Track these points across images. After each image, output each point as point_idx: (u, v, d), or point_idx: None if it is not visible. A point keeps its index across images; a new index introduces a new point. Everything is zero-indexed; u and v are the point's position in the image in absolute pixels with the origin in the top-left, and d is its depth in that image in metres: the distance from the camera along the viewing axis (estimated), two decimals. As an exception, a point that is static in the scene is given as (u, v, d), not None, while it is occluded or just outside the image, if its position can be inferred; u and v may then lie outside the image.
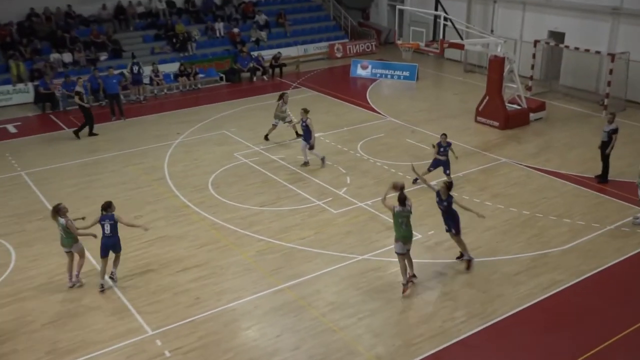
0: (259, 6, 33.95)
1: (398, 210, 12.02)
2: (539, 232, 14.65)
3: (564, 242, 14.19)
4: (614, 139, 16.83)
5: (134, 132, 22.00)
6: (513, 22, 28.39)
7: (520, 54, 27.57)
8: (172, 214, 15.72)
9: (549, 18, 26.74)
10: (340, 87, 27.58)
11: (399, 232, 12.11)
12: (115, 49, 28.26)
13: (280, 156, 19.37)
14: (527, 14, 27.79)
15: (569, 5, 25.75)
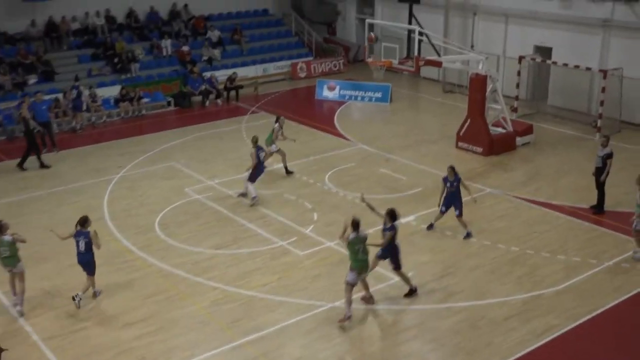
0: (212, 21, 34.20)
1: (352, 238, 12.57)
2: (530, 270, 14.83)
3: (558, 281, 14.37)
4: (608, 165, 17.24)
5: (68, 166, 21.75)
6: (495, 37, 29.08)
7: (504, 71, 28.17)
8: (113, 261, 15.49)
9: (535, 32, 27.47)
10: (304, 111, 27.77)
11: (356, 261, 12.70)
12: (47, 71, 28.07)
13: (237, 191, 19.32)
14: (510, 28, 28.51)
15: (555, 18, 26.51)
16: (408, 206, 18.11)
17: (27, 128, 21.57)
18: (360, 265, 12.80)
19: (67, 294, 13.96)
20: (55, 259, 15.58)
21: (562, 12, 26.27)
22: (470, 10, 29.91)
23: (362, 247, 12.70)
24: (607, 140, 17.38)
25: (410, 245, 15.99)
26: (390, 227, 13.33)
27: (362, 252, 12.74)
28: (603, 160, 17.29)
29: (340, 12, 37.32)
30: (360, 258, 12.75)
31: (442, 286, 14.21)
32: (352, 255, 12.75)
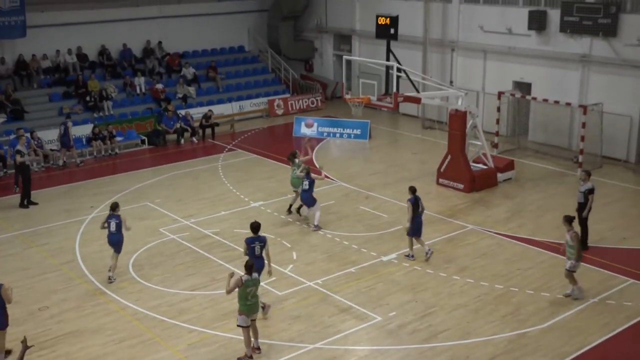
0: (186, 58, 34.43)
1: (247, 279, 12.82)
2: (514, 309, 14.90)
3: (543, 319, 14.45)
4: (590, 200, 17.47)
5: (38, 207, 21.57)
6: (474, 73, 29.59)
7: (483, 107, 28.57)
8: (85, 304, 15.34)
9: (513, 67, 28.00)
10: (282, 149, 27.81)
11: (245, 305, 12.90)
12: (16, 110, 27.99)
13: (214, 230, 19.29)
14: (489, 64, 29.03)
15: (534, 54, 27.07)
16: (389, 244, 18.21)
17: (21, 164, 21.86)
18: (251, 308, 12.98)
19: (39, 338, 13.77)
20: (25, 302, 15.37)
21: (541, 48, 26.84)
22: (448, 46, 30.46)
23: (253, 291, 12.95)
24: (588, 176, 17.64)
25: (392, 284, 16.04)
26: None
27: (251, 296, 12.93)
28: (585, 195, 17.53)
29: (317, 49, 37.78)
30: (251, 300, 12.93)
31: (425, 326, 14.22)
32: (242, 298, 12.88)
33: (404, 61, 27.51)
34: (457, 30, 30.06)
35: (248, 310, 12.94)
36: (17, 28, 28.70)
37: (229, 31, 36.36)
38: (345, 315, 14.66)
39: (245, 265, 13.03)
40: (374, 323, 14.29)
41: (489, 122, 27.16)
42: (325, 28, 36.81)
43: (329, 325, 14.28)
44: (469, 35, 29.60)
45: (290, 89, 35.78)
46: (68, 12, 31.23)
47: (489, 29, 28.62)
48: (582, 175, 17.72)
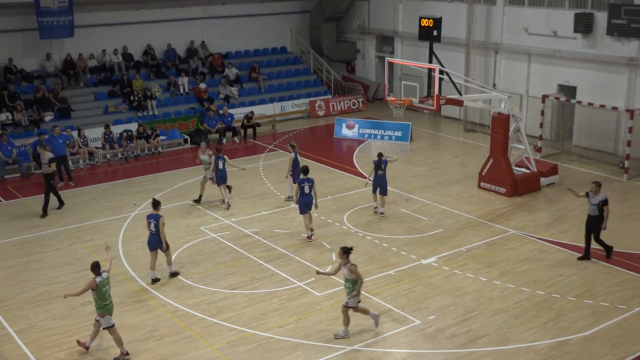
0: (229, 58, 34.69)
1: (100, 280, 12.95)
2: (556, 315, 14.68)
3: (586, 327, 14.21)
4: (606, 211, 16.84)
5: (83, 204, 21.95)
6: (518, 75, 29.24)
7: (527, 110, 28.27)
8: (127, 300, 15.56)
9: (558, 70, 27.59)
10: (323, 150, 27.93)
11: (106, 306, 13.05)
12: (63, 108, 28.52)
13: (254, 229, 19.39)
14: (533, 66, 28.67)
15: (579, 57, 26.64)
16: (429, 247, 18.10)
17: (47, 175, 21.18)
18: (110, 308, 13.13)
19: (78, 334, 14.03)
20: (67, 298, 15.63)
21: (586, 51, 26.40)
22: (491, 48, 30.17)
23: (109, 289, 13.10)
24: (599, 187, 16.95)
25: (431, 287, 15.94)
26: None
27: (109, 295, 13.15)
28: (599, 207, 16.86)
29: (359, 50, 37.74)
30: (109, 300, 13.13)
31: (465, 330, 14.10)
32: (100, 300, 12.95)
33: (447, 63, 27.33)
34: (501, 33, 29.74)
35: (110, 310, 13.10)
36: (66, 28, 29.26)
37: (271, 32, 36.54)
38: (384, 317, 14.60)
39: (92, 267, 13.07)
40: (412, 326, 14.22)
41: (533, 125, 26.83)
42: (368, 29, 36.75)
43: (367, 327, 14.24)
44: (513, 38, 29.25)
45: (331, 90, 35.81)
46: (114, 12, 31.71)
47: (534, 31, 28.26)
48: (593, 187, 16.97)
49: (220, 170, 21.09)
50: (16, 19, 29.29)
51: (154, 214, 16.19)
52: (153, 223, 16.04)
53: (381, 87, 35.10)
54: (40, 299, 15.63)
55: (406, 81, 23.05)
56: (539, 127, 26.08)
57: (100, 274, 13.03)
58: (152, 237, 16.14)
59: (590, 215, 17.06)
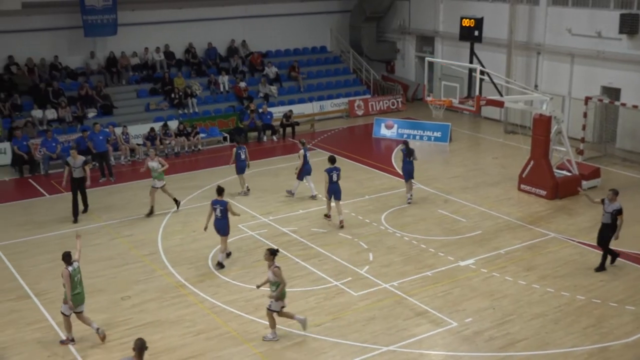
0: (269, 57, 34.83)
1: (72, 270, 13.21)
2: (596, 321, 14.44)
3: (627, 333, 13.95)
4: (620, 221, 16.41)
5: (123, 199, 22.24)
6: (560, 77, 28.82)
7: (569, 112, 27.85)
8: (165, 295, 15.72)
9: (602, 72, 27.12)
10: (361, 150, 27.88)
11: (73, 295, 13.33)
12: (105, 105, 28.94)
13: (292, 228, 19.44)
14: (576, 68, 28.23)
15: (624, 58, 26.15)
16: (467, 249, 17.94)
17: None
18: (78, 297, 13.44)
19: (117, 327, 14.22)
20: (108, 291, 15.88)
21: (632, 52, 25.89)
22: (534, 49, 29.79)
23: (79, 278, 13.43)
24: (616, 195, 16.52)
25: (469, 289, 15.79)
26: None
27: (79, 284, 13.44)
28: (613, 216, 16.45)
29: (399, 50, 37.60)
30: (79, 290, 13.46)
31: (503, 334, 13.94)
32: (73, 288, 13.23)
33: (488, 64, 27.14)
34: (544, 33, 29.34)
35: (79, 300, 13.45)
36: (109, 26, 29.71)
37: (311, 31, 36.62)
38: (421, 319, 14.52)
39: (63, 257, 13.33)
40: (449, 328, 14.11)
41: (575, 127, 26.45)
42: (408, 29, 36.58)
43: (404, 328, 14.18)
44: (556, 38, 28.84)
45: (371, 89, 35.73)
46: (157, 11, 32.09)
47: (578, 32, 27.81)
48: (610, 194, 16.52)
49: (242, 160, 22.02)
50: (61, 17, 29.83)
51: (219, 199, 16.97)
52: (219, 209, 16.84)
53: (421, 88, 34.90)
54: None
55: (446, 81, 22.87)
56: (581, 130, 25.70)
57: (71, 263, 13.32)
58: (218, 222, 16.93)
59: (603, 223, 16.71)
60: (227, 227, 17.09)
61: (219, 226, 17.00)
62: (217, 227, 17.01)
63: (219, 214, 16.89)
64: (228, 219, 17.04)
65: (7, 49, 28.94)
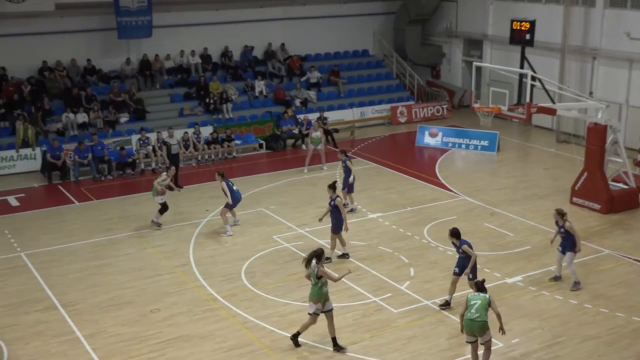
0: (308, 61, 34.96)
1: None
2: (654, 344, 14.17)
3: (687, 358, 13.65)
4: None
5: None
6: (618, 83, 28.42)
7: (626, 121, 27.44)
8: (196, 309, 15.83)
9: (663, 79, 26.71)
10: (403, 158, 27.80)
11: None
12: (138, 109, 29.33)
13: (329, 241, 19.41)
14: (634, 74, 27.81)
15: (687, 63, 25.71)
16: (515, 265, 17.74)
17: None
18: None
19: (146, 341, 14.34)
20: (138, 302, 16.05)
21: (695, 58, 25.47)
22: (589, 54, 29.42)
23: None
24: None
25: (517, 308, 15.60)
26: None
27: None
28: None
29: (445, 54, 37.44)
30: None
31: (552, 356, 13.75)
32: None
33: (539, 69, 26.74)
34: (600, 37, 28.96)
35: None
36: (144, 28, 30.15)
37: (353, 34, 36.66)
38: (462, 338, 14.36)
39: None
40: (495, 349, 13.91)
41: (632, 137, 26.05)
42: (455, 32, 36.43)
43: (446, 348, 14.07)
44: (613, 43, 28.44)
45: (414, 95, 35.62)
46: (193, 12, 32.49)
47: (637, 35, 27.38)
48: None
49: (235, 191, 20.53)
50: (94, 19, 30.41)
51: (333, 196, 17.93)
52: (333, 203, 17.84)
53: (467, 94, 34.61)
54: (109, 304, 16.07)
55: (495, 87, 22.68)
56: (638, 140, 25.26)
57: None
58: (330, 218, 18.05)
59: None
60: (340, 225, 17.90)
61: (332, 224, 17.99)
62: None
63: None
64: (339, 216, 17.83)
65: (40, 51, 29.51)
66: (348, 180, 21.32)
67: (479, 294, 12.82)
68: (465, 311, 12.66)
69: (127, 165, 26.01)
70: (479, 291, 12.88)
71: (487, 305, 12.59)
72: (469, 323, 12.64)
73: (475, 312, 12.54)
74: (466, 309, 12.65)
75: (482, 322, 12.57)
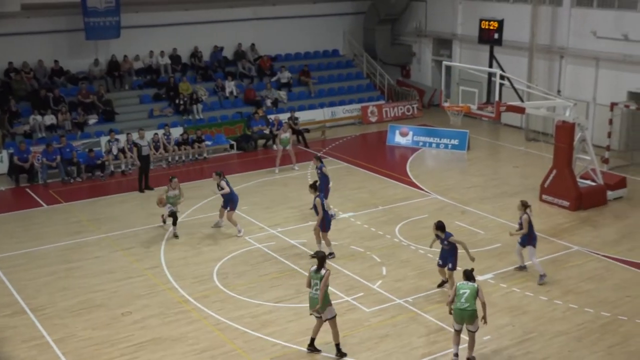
0: (278, 61, 34.93)
1: None
2: (622, 339, 14.34)
3: (655, 352, 13.87)
4: None
5: (126, 211, 22.32)
6: (585, 82, 28.77)
7: (594, 119, 27.78)
8: (168, 311, 15.73)
9: (629, 76, 27.05)
10: (374, 158, 27.88)
11: None
12: (107, 111, 29.09)
13: (301, 240, 19.44)
14: (601, 72, 28.17)
15: (652, 62, 26.10)
16: (486, 263, 17.87)
17: None
18: None
19: (117, 345, 14.24)
20: (109, 306, 15.92)
21: (660, 56, 25.86)
22: (556, 53, 29.75)
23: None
24: None
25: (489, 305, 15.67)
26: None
27: None
28: None
29: (415, 54, 37.62)
30: None
31: (523, 352, 13.87)
32: None
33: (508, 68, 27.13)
34: (567, 36, 29.31)
35: None
36: (112, 28, 29.86)
37: (323, 34, 36.68)
38: (436, 336, 14.47)
39: None
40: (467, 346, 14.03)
41: (600, 135, 26.36)
42: (425, 32, 36.61)
43: (418, 346, 14.13)
44: (580, 41, 28.80)
45: (385, 95, 35.74)
46: (162, 13, 32.26)
47: (603, 34, 27.76)
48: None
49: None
50: (61, 20, 30.07)
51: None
52: None
53: (437, 93, 34.88)
54: (80, 308, 15.91)
55: (464, 87, 22.81)
56: (606, 137, 25.62)
57: None
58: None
59: None
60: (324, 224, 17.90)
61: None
62: None
63: None
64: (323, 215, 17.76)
65: (6, 52, 29.11)
66: (328, 187, 21.04)
67: (467, 282, 13.10)
68: (454, 298, 13.02)
69: (96, 167, 25.78)
70: (467, 280, 13.15)
71: (475, 294, 12.96)
72: (459, 312, 12.99)
73: (465, 301, 12.91)
74: (455, 296, 13.00)
75: (472, 311, 12.95)
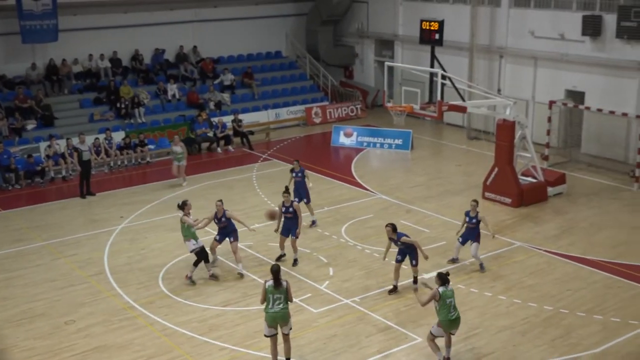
0: (221, 63, 34.74)
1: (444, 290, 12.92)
2: (565, 332, 14.65)
3: (596, 343, 14.17)
4: None
5: (67, 217, 21.91)
6: (524, 81, 29.31)
7: (533, 117, 28.30)
8: (112, 318, 15.50)
9: (566, 75, 27.66)
10: (319, 159, 27.93)
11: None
12: (46, 116, 28.51)
13: (247, 243, 19.35)
14: (539, 71, 28.74)
15: (588, 61, 26.70)
16: (431, 261, 18.00)
17: None
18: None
19: (60, 355, 13.97)
20: (51, 315, 15.61)
21: (595, 55, 26.46)
22: (496, 52, 30.25)
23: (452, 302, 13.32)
24: None
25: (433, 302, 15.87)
26: None
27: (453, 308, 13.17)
28: None
29: (357, 55, 37.83)
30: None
31: (468, 348, 14.06)
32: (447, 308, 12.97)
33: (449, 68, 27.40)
34: (506, 36, 29.83)
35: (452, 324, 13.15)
36: (49, 32, 29.25)
37: (266, 36, 36.61)
38: (384, 335, 14.57)
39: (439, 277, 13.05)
40: (414, 344, 14.18)
41: (539, 133, 26.84)
42: (367, 33, 36.86)
43: (366, 345, 14.20)
44: (518, 41, 29.35)
45: (329, 96, 35.85)
46: (101, 15, 31.76)
47: (540, 34, 28.35)
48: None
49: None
50: (-3, 23, 29.38)
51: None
52: None
53: (380, 93, 35.11)
54: (21, 318, 15.55)
55: (407, 87, 23.03)
56: (545, 135, 26.13)
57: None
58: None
59: None
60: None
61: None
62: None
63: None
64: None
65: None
66: (307, 191, 20.66)
67: (446, 287, 12.91)
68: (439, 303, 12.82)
69: (35, 173, 25.22)
70: (444, 284, 12.94)
71: None
72: (448, 323, 12.93)
73: (454, 310, 12.93)
74: (440, 302, 12.80)
75: (459, 317, 13.11)
